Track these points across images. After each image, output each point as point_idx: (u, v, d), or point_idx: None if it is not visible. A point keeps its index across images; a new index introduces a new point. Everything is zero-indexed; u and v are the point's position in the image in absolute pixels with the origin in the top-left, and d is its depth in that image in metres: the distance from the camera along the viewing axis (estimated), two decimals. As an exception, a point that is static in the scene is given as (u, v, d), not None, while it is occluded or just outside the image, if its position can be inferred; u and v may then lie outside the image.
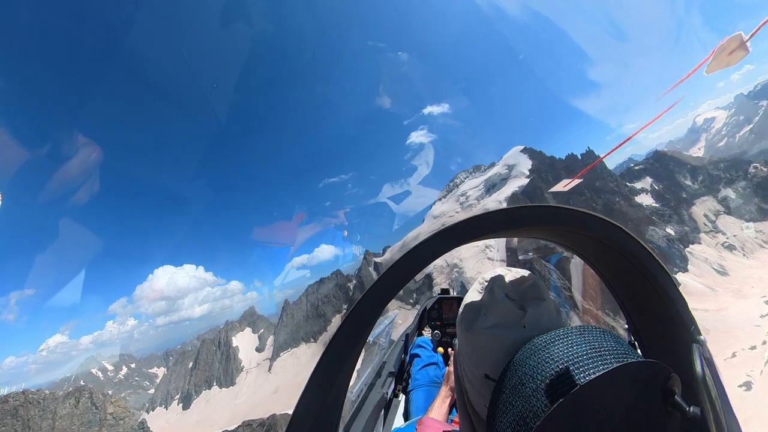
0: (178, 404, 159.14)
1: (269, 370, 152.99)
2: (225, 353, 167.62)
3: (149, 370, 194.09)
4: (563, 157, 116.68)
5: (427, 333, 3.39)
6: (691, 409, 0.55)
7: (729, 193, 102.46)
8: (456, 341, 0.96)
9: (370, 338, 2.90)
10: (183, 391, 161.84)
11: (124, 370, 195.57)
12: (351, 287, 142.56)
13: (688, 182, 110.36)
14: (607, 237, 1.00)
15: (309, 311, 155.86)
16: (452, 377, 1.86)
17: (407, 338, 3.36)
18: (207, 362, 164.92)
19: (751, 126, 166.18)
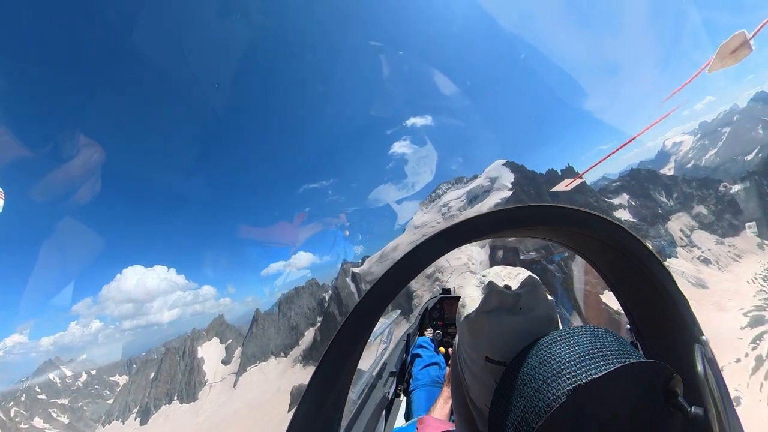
0: (135, 418, 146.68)
1: (234, 385, 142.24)
2: (189, 365, 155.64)
3: (111, 378, 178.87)
4: (544, 172, 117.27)
5: (428, 333, 3.31)
6: (693, 409, 0.55)
7: (702, 209, 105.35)
8: (456, 339, 0.96)
9: (372, 338, 2.82)
10: (142, 404, 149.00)
11: (84, 376, 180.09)
12: (327, 298, 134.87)
13: (663, 199, 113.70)
14: (609, 237, 0.99)
15: (281, 323, 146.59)
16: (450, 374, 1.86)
17: (409, 338, 3.32)
18: (169, 373, 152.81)
19: (716, 150, 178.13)
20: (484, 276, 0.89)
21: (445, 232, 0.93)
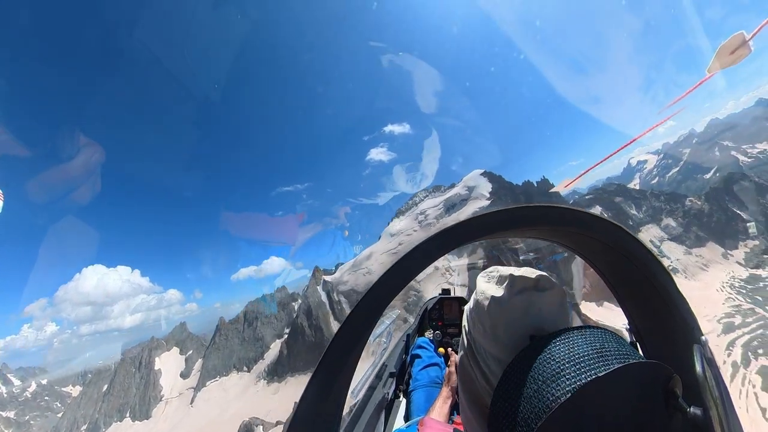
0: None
1: (191, 402, 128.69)
2: (145, 377, 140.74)
3: (63, 389, 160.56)
4: (520, 183, 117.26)
5: (428, 334, 3.24)
6: (692, 409, 0.55)
7: (670, 221, 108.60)
8: (464, 338, 0.91)
9: (371, 338, 2.71)
10: (92, 420, 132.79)
11: (33, 386, 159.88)
12: (295, 307, 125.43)
13: (634, 211, 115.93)
14: (609, 238, 0.98)
15: (246, 333, 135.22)
16: (453, 377, 1.86)
17: (408, 339, 3.29)
18: (123, 386, 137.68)
19: (678, 168, 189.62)
20: (491, 272, 0.89)
21: (445, 233, 0.91)
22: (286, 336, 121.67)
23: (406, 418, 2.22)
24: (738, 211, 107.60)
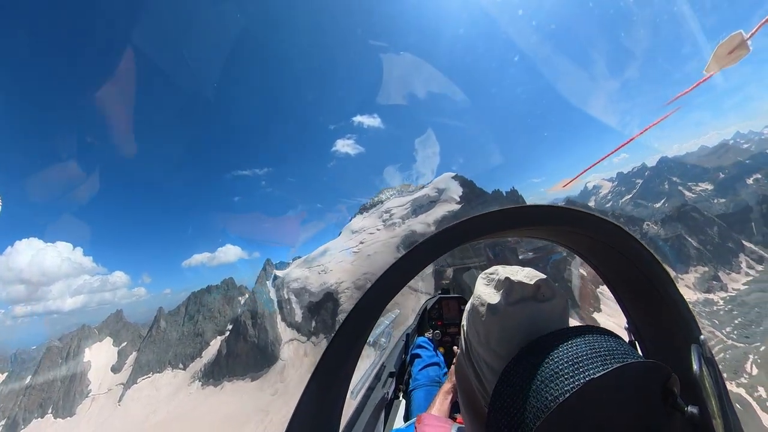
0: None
1: (119, 400, 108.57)
2: (72, 369, 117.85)
3: None
4: (490, 192, 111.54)
5: (428, 334, 3.19)
6: (689, 408, 0.54)
7: None
8: (462, 340, 0.89)
9: (371, 338, 2.87)
10: (11, 414, 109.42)
11: None
12: (242, 301, 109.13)
13: None
14: (607, 237, 0.97)
15: (186, 327, 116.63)
16: (455, 376, 1.86)
17: (408, 338, 3.21)
18: (47, 379, 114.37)
19: (631, 196, 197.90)
20: (492, 274, 0.84)
21: (445, 233, 0.89)
22: (227, 333, 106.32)
23: (406, 418, 2.17)
24: (689, 239, 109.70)
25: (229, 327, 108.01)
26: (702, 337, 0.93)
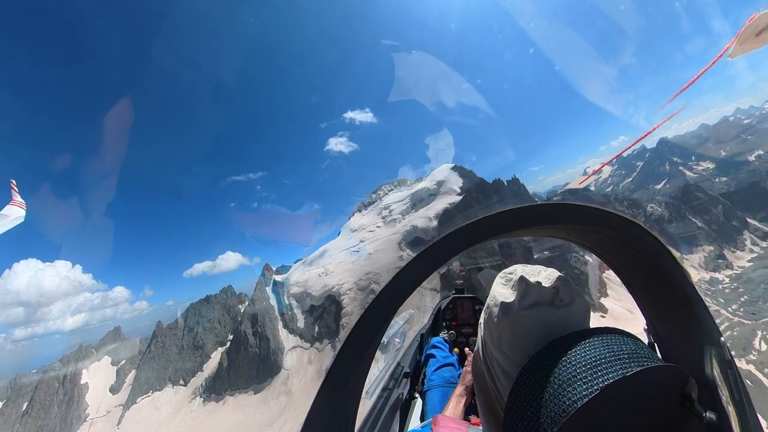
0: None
1: (118, 423, 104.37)
2: (69, 393, 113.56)
3: None
4: (491, 181, 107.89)
5: (443, 334, 3.14)
6: (707, 414, 0.53)
7: None
8: (478, 339, 0.88)
9: (385, 339, 2.88)
10: None
11: None
12: (242, 310, 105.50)
13: None
14: (626, 235, 0.94)
15: (185, 340, 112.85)
16: (468, 377, 1.83)
17: (422, 338, 3.20)
18: (44, 405, 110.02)
19: (631, 179, 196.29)
20: (510, 273, 0.83)
21: (462, 231, 0.88)
22: (228, 344, 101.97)
23: (422, 418, 2.18)
24: (693, 219, 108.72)
25: (230, 337, 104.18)
26: (722, 339, 0.92)
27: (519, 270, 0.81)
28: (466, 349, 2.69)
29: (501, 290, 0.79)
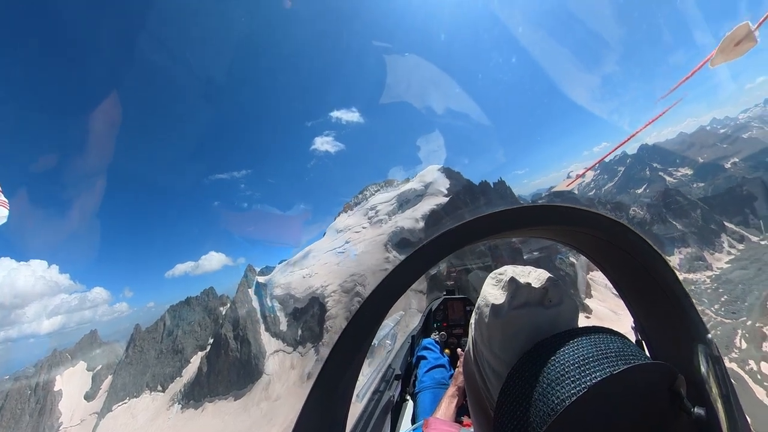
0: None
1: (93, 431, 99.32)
2: (41, 401, 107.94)
3: None
4: (477, 183, 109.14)
5: (434, 335, 3.16)
6: (696, 410, 0.53)
7: None
8: (469, 340, 0.88)
9: (375, 341, 2.89)
10: None
11: None
12: (223, 312, 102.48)
13: None
14: (613, 236, 0.95)
15: (164, 344, 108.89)
16: (460, 378, 1.82)
17: (413, 340, 3.21)
18: (14, 414, 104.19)
19: (613, 183, 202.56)
20: (500, 274, 0.83)
21: (451, 233, 0.88)
22: (208, 348, 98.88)
23: (413, 420, 2.18)
24: (674, 222, 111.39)
25: (210, 341, 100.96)
26: (709, 336, 0.92)
27: (509, 271, 0.81)
28: (458, 350, 2.61)
29: (491, 291, 0.80)
